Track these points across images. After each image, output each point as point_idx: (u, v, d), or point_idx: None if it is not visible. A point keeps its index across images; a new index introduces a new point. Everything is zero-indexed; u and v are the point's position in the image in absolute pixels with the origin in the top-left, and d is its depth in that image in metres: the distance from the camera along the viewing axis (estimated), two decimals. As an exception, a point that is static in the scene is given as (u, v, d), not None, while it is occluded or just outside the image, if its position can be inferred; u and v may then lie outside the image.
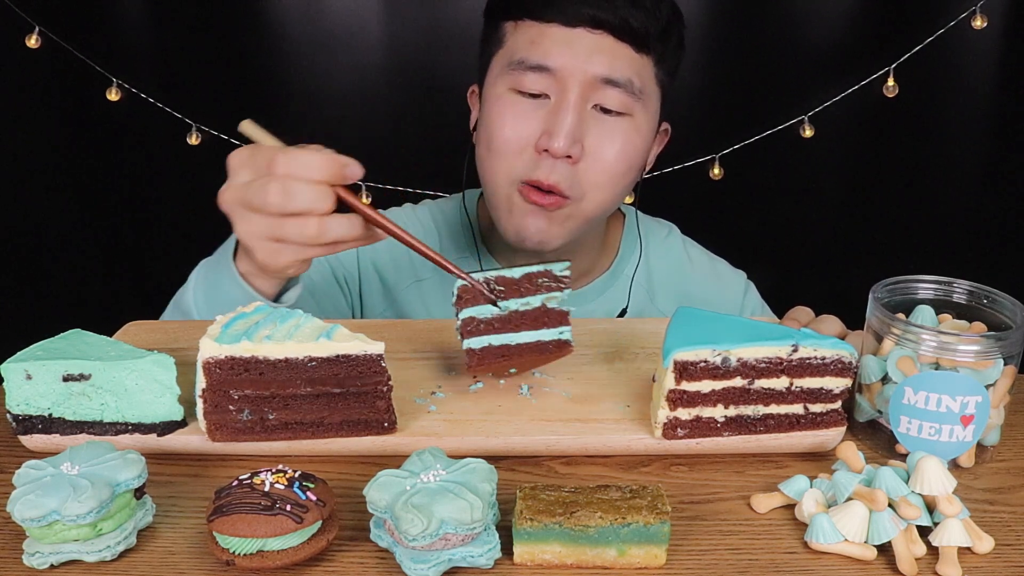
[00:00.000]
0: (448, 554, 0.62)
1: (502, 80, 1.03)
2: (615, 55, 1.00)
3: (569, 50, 0.99)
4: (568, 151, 0.99)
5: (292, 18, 1.64)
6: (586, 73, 0.99)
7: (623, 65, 1.00)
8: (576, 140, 0.99)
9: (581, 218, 1.06)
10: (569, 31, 0.99)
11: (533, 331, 0.82)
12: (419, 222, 1.24)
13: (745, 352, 0.73)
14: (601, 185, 1.03)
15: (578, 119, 0.99)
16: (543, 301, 0.81)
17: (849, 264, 1.74)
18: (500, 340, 0.81)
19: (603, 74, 0.99)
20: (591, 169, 1.02)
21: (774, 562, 0.65)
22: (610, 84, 1.00)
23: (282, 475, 0.64)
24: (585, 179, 1.02)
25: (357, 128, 1.67)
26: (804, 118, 1.68)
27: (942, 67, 1.66)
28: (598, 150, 1.01)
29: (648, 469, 0.76)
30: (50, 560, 0.63)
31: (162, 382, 0.75)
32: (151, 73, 1.65)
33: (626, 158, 1.03)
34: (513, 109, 1.02)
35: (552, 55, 0.99)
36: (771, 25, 1.67)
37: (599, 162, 1.02)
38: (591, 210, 1.06)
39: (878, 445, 0.79)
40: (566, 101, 0.99)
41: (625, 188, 1.08)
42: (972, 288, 0.81)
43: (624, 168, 1.04)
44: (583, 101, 1.00)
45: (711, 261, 1.28)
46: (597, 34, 0.99)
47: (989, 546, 0.66)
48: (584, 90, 1.00)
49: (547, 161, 1.00)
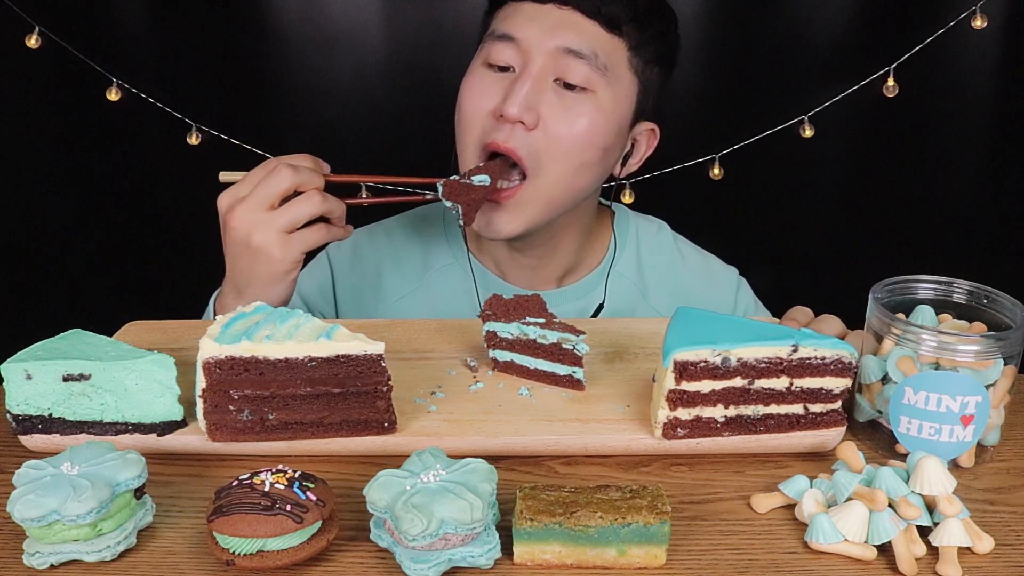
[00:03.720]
0: (448, 554, 0.62)
1: (477, 57, 1.07)
2: (581, 29, 1.02)
3: (536, 23, 1.02)
4: (521, 116, 1.00)
5: (292, 18, 1.64)
6: (549, 44, 1.01)
7: (588, 38, 1.02)
8: (530, 107, 1.00)
9: (542, 197, 1.05)
10: (539, 7, 1.03)
11: (548, 362, 0.85)
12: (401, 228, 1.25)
13: (745, 352, 0.73)
14: (557, 159, 1.03)
15: (535, 88, 1.01)
16: (559, 339, 0.83)
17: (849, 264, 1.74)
18: (521, 360, 0.86)
19: (566, 45, 1.01)
20: (549, 141, 1.02)
21: (774, 562, 0.65)
22: (573, 55, 1.01)
23: (282, 475, 0.64)
24: (542, 150, 1.02)
25: (357, 128, 1.67)
26: (804, 118, 1.68)
27: (942, 67, 1.65)
28: (556, 123, 1.02)
29: (648, 469, 0.76)
30: (50, 560, 0.63)
31: (162, 382, 0.75)
32: (151, 73, 1.65)
33: (586, 134, 1.03)
34: (480, 79, 1.05)
35: (519, 27, 1.03)
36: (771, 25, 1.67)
37: (556, 134, 1.02)
38: (549, 188, 1.05)
39: (878, 445, 0.79)
40: (527, 71, 1.02)
41: (586, 169, 1.06)
42: (972, 288, 0.81)
43: (582, 144, 1.03)
44: (545, 73, 1.02)
45: (703, 258, 1.28)
46: (565, 10, 1.02)
47: (989, 546, 0.66)
48: (547, 61, 1.01)
49: (506, 126, 1.02)
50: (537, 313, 0.84)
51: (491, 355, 0.88)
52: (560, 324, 0.83)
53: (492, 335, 0.87)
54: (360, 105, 1.68)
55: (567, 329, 0.83)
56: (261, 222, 0.92)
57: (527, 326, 0.84)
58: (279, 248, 0.92)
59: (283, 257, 0.93)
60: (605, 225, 1.24)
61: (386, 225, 1.27)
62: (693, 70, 1.65)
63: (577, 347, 0.82)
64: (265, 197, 0.92)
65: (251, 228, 0.92)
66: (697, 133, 1.69)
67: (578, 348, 0.82)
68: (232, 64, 1.66)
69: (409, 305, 1.19)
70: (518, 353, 0.86)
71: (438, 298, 1.19)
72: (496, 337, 0.86)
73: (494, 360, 0.88)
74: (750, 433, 0.76)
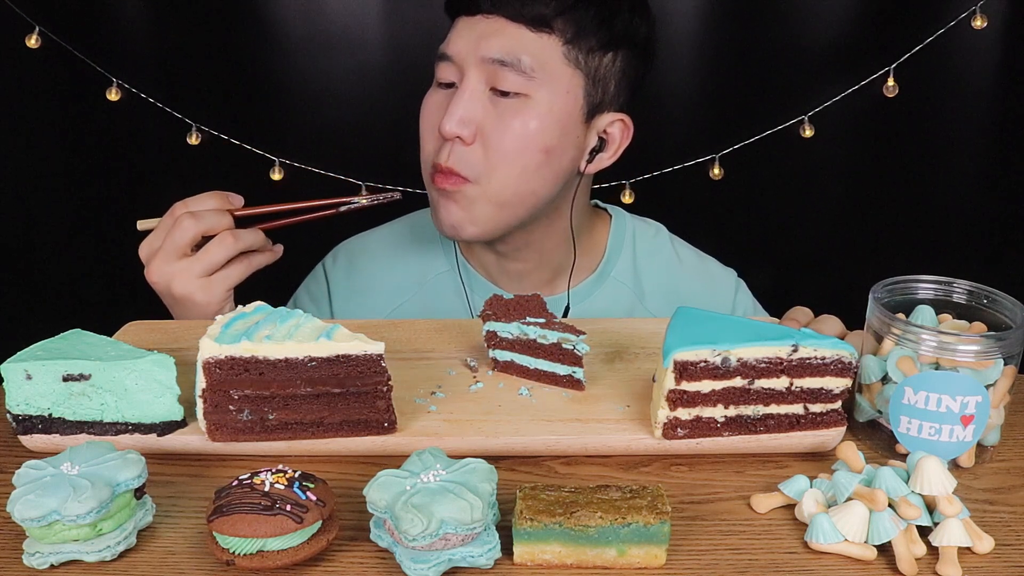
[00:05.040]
0: (448, 554, 0.62)
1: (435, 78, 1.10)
2: (506, 36, 1.02)
3: (464, 37, 1.04)
4: (457, 132, 1.02)
5: (292, 18, 1.63)
6: (476, 56, 1.02)
7: (513, 45, 1.02)
8: (466, 122, 1.02)
9: (492, 201, 1.05)
10: (470, 19, 1.05)
11: (548, 362, 0.85)
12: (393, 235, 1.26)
13: (745, 352, 0.73)
14: (498, 166, 1.04)
15: (469, 102, 1.02)
16: (559, 339, 0.83)
17: (849, 264, 1.74)
18: (521, 360, 0.86)
19: (491, 55, 1.02)
20: (487, 150, 1.03)
21: (774, 562, 0.65)
22: (499, 64, 1.02)
23: (282, 475, 0.64)
24: (482, 161, 1.04)
25: (357, 128, 1.67)
26: (804, 118, 1.68)
27: (942, 67, 1.65)
28: (492, 132, 1.03)
29: (648, 469, 0.76)
30: (50, 560, 0.63)
31: (162, 382, 0.75)
32: (151, 73, 1.64)
33: (522, 138, 1.03)
34: (430, 100, 1.09)
35: (452, 43, 1.05)
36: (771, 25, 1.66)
37: (493, 143, 1.03)
38: (498, 192, 1.05)
39: (878, 445, 0.79)
40: (462, 86, 1.03)
41: (533, 171, 1.05)
42: (972, 288, 0.81)
43: (520, 148, 1.03)
44: (479, 84, 1.03)
45: (700, 260, 1.28)
46: (491, 18, 1.03)
47: (989, 546, 0.66)
48: (478, 73, 1.03)
49: (447, 145, 1.04)
50: (537, 313, 0.84)
51: (491, 355, 0.88)
52: (560, 324, 0.83)
53: (492, 335, 0.87)
54: (360, 105, 1.67)
55: (567, 329, 0.83)
56: (177, 272, 0.97)
57: (527, 326, 0.84)
58: (201, 293, 0.98)
59: (208, 300, 0.98)
60: (601, 229, 1.24)
61: (380, 234, 1.27)
62: (693, 70, 1.65)
63: (577, 347, 0.82)
64: (174, 248, 0.97)
65: (169, 280, 0.98)
66: (697, 133, 1.69)
67: (578, 348, 0.82)
68: (232, 64, 1.66)
69: (406, 314, 1.20)
70: (518, 353, 0.86)
71: (435, 306, 1.19)
72: (496, 337, 0.86)
73: (494, 360, 0.88)
74: (750, 433, 0.76)
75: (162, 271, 0.98)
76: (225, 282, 0.99)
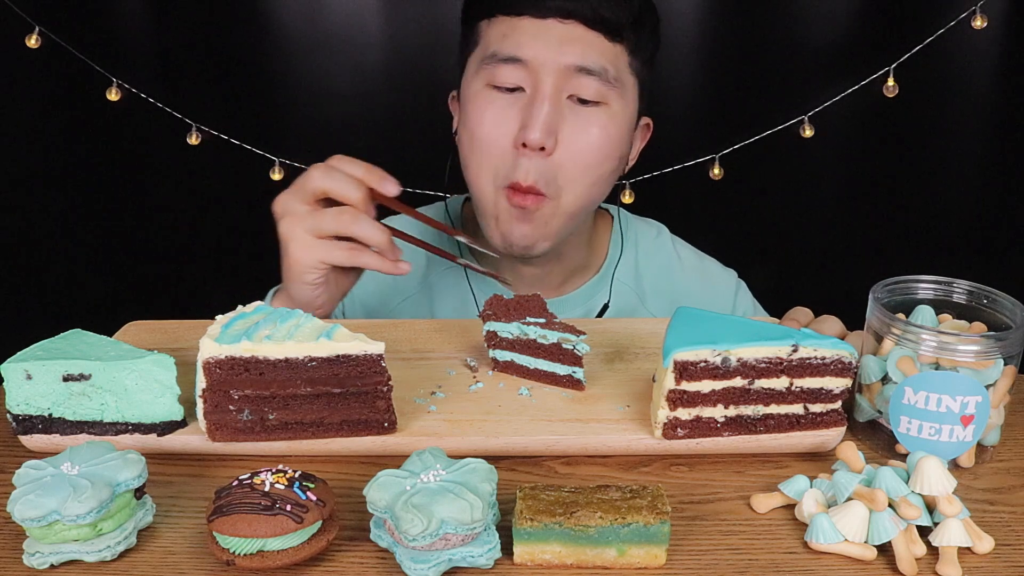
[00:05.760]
0: (448, 554, 0.62)
1: (478, 77, 1.04)
2: (587, 44, 1.00)
3: (541, 41, 1.00)
4: (543, 143, 0.99)
5: (292, 18, 1.64)
6: (559, 63, 0.99)
7: (596, 53, 1.00)
8: (551, 132, 0.99)
9: (564, 216, 1.05)
10: (540, 22, 1.00)
11: (549, 361, 0.84)
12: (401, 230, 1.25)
13: (745, 352, 0.73)
14: (576, 177, 1.03)
15: (553, 109, 0.99)
16: (559, 339, 0.83)
17: (849, 264, 1.74)
18: (521, 360, 0.86)
19: (576, 63, 0.99)
20: (566, 161, 1.01)
21: (774, 562, 0.65)
22: (584, 72, 1.00)
23: (282, 475, 0.64)
24: (561, 172, 1.02)
25: (357, 128, 1.67)
26: (804, 118, 1.68)
27: (942, 67, 1.65)
28: (573, 141, 1.01)
29: (648, 469, 0.76)
30: (50, 560, 0.63)
31: (162, 382, 0.75)
32: (151, 73, 1.65)
33: (602, 148, 1.03)
34: (491, 105, 1.02)
35: (524, 46, 1.00)
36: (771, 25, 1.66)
37: (574, 153, 1.01)
38: (571, 204, 1.05)
39: (878, 445, 0.79)
40: (540, 92, 0.99)
41: (604, 180, 1.06)
42: (972, 288, 0.81)
43: (600, 158, 1.03)
44: (558, 92, 1.00)
45: (701, 261, 1.28)
46: (568, 24, 1.00)
47: (989, 546, 0.66)
48: (558, 80, 0.99)
49: (524, 160, 1.00)
50: (537, 313, 0.84)
51: (491, 355, 0.88)
52: (560, 324, 0.83)
53: (492, 335, 0.87)
54: (360, 105, 1.68)
55: (567, 329, 0.83)
56: (290, 212, 0.90)
57: (527, 326, 0.84)
58: (297, 246, 0.89)
59: (299, 258, 0.90)
60: (604, 229, 1.24)
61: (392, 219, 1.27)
62: (693, 70, 1.65)
63: (577, 347, 0.82)
64: (300, 190, 0.90)
65: (282, 214, 0.90)
66: (697, 133, 1.69)
67: (578, 348, 0.82)
68: (232, 64, 1.66)
69: (412, 306, 1.19)
70: (518, 353, 0.86)
71: (440, 302, 1.19)
72: (496, 337, 0.86)
73: (494, 360, 0.88)
74: (750, 433, 0.76)
75: (281, 201, 0.90)
76: (324, 253, 0.89)
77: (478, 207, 1.08)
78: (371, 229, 0.88)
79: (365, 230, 0.88)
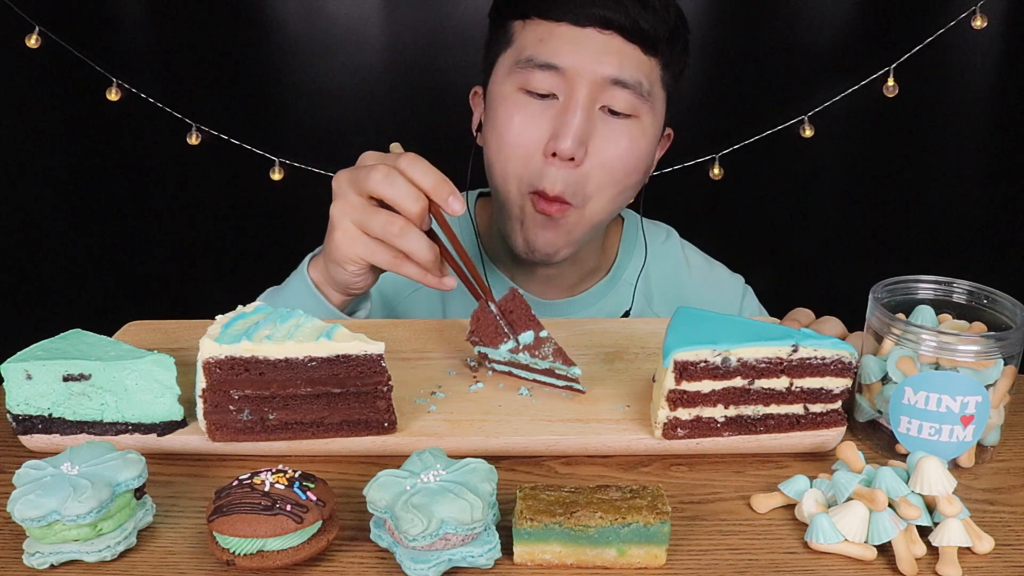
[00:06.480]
0: (448, 554, 0.62)
1: (510, 80, 1.02)
2: (624, 56, 0.99)
3: (578, 49, 0.98)
4: (573, 153, 0.98)
5: (292, 18, 1.64)
6: (595, 73, 0.98)
7: (632, 66, 0.99)
8: (582, 142, 0.98)
9: (587, 225, 1.05)
10: (579, 31, 0.99)
11: (545, 376, 0.84)
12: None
13: (745, 352, 0.73)
14: (603, 188, 1.03)
15: (585, 119, 0.98)
16: (550, 367, 0.82)
17: (849, 264, 1.74)
18: (519, 373, 0.85)
19: (612, 75, 0.98)
20: (594, 172, 1.01)
21: (774, 562, 0.65)
22: (619, 85, 0.99)
23: (282, 475, 0.64)
24: (588, 183, 1.01)
25: (357, 128, 1.67)
26: (804, 118, 1.68)
27: (942, 67, 1.65)
28: (602, 152, 1.00)
29: (648, 469, 0.76)
30: (50, 560, 0.63)
31: (162, 382, 0.75)
32: (151, 73, 1.65)
33: (630, 160, 1.02)
34: (522, 110, 1.01)
35: (561, 54, 0.98)
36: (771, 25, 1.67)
37: (603, 164, 1.01)
38: (595, 214, 1.05)
39: (878, 445, 0.79)
40: (574, 101, 0.98)
41: (629, 191, 1.07)
42: (972, 288, 0.81)
43: (627, 170, 1.03)
44: (591, 102, 0.99)
45: (709, 265, 1.28)
46: (607, 34, 0.98)
47: (989, 546, 0.66)
48: (592, 90, 0.99)
49: (552, 169, 1.00)
50: (523, 323, 0.83)
51: (488, 369, 0.87)
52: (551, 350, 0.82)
53: (484, 356, 0.86)
54: (360, 105, 1.68)
55: (558, 356, 0.81)
56: (343, 195, 0.86)
57: (517, 353, 0.83)
58: (342, 234, 0.86)
59: (340, 242, 0.86)
60: (615, 231, 1.24)
61: None
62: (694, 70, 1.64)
63: (570, 374, 0.81)
64: (357, 181, 0.85)
65: (336, 194, 0.87)
66: (697, 133, 1.69)
67: (571, 374, 0.81)
68: (232, 64, 1.66)
69: (425, 296, 1.18)
70: (515, 367, 0.85)
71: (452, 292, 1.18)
72: (488, 358, 0.86)
73: (492, 369, 0.87)
74: (750, 433, 0.76)
75: (339, 182, 0.86)
76: (366, 251, 0.85)
77: (502, 209, 1.08)
78: (419, 245, 0.83)
79: (412, 245, 0.83)
